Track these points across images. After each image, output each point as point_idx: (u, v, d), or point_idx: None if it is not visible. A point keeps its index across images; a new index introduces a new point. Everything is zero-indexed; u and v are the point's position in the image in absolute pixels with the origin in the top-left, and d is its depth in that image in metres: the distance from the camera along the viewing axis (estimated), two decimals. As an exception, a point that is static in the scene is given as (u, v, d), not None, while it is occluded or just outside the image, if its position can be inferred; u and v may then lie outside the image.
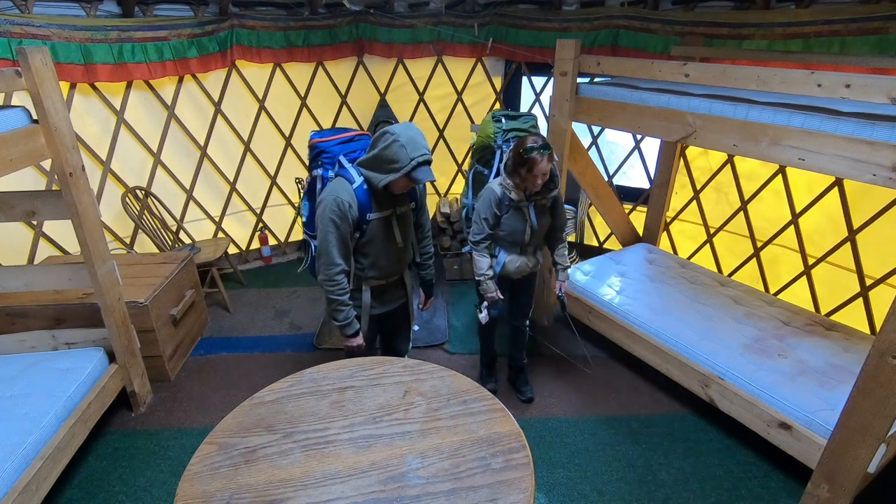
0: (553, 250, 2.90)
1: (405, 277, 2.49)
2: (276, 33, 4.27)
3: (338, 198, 2.07)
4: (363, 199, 2.13)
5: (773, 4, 3.51)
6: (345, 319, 2.25)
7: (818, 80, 2.09)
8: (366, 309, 2.36)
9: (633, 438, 2.87)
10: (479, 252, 2.70)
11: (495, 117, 3.10)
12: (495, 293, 2.73)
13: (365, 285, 2.34)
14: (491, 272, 2.71)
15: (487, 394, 1.86)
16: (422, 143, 2.07)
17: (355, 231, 2.18)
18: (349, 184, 2.13)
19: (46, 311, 3.05)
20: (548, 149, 2.41)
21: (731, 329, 3.04)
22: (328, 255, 2.14)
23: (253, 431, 1.70)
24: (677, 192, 4.27)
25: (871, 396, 1.99)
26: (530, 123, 3.07)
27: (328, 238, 2.11)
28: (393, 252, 2.30)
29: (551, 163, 2.46)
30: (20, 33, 3.21)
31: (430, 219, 5.14)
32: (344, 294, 2.21)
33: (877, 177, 1.98)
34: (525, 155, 2.41)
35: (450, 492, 1.46)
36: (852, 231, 3.26)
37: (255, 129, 4.60)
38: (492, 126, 3.06)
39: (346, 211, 2.08)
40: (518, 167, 2.47)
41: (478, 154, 3.19)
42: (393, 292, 2.46)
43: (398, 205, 2.25)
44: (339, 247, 2.14)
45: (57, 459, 2.35)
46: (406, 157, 2.01)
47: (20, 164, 2.22)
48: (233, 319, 4.10)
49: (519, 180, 2.51)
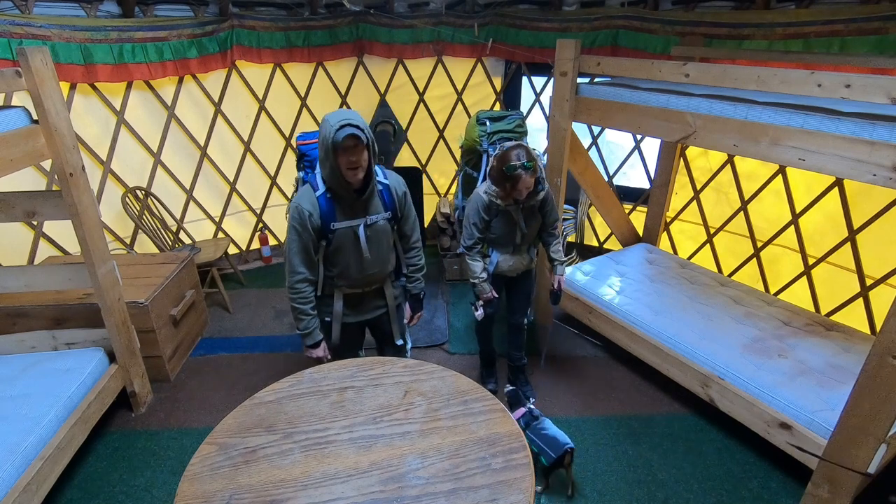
0: (547, 247, 2.89)
1: (386, 288, 2.38)
2: (276, 33, 4.27)
3: (299, 206, 2.05)
4: (325, 208, 2.06)
5: (773, 4, 3.51)
6: (304, 329, 2.21)
7: (818, 80, 2.10)
8: (337, 316, 2.30)
9: (633, 438, 2.87)
10: (471, 256, 2.72)
11: (479, 120, 3.08)
12: (490, 293, 2.75)
13: (337, 292, 2.27)
14: (485, 275, 2.73)
15: (488, 394, 1.86)
16: (345, 113, 1.95)
17: (320, 240, 2.12)
18: (313, 191, 2.09)
19: (47, 311, 3.05)
20: (529, 166, 2.40)
21: (732, 329, 3.04)
22: (289, 263, 2.13)
23: (253, 431, 1.70)
24: (677, 192, 4.27)
25: (871, 396, 1.99)
26: (516, 123, 3.03)
27: (290, 246, 2.11)
28: (364, 263, 2.19)
29: (535, 175, 2.45)
30: (20, 34, 3.21)
31: (431, 220, 5.22)
32: (305, 303, 2.17)
33: (877, 177, 1.98)
34: (507, 172, 2.41)
35: (450, 492, 1.46)
36: (852, 231, 3.25)
37: (255, 129, 4.60)
38: (476, 129, 3.04)
39: (307, 219, 2.05)
40: (502, 181, 2.48)
41: (466, 156, 3.18)
42: (370, 302, 2.37)
43: (369, 213, 2.14)
44: (301, 255, 2.11)
45: (57, 459, 2.35)
46: (330, 129, 1.91)
47: (20, 164, 2.22)
48: (233, 319, 4.09)
49: (503, 192, 2.53)
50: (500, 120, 3.04)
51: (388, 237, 2.26)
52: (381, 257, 2.25)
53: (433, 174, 5.28)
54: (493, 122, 3.03)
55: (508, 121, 3.03)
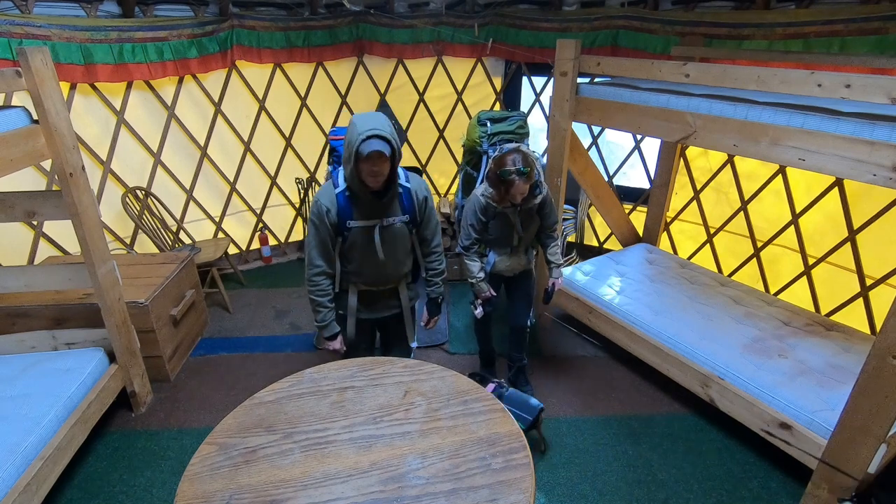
0: (545, 249, 2.89)
1: (401, 289, 2.38)
2: (276, 33, 4.28)
3: (318, 201, 2.08)
4: (343, 205, 2.08)
5: (773, 4, 3.51)
6: (322, 321, 2.25)
7: (818, 80, 2.10)
8: (351, 311, 2.33)
9: (633, 438, 2.87)
10: (468, 257, 2.73)
11: (480, 121, 3.07)
12: (488, 292, 2.76)
13: (352, 288, 2.30)
14: (482, 274, 2.74)
15: (488, 394, 1.86)
16: (374, 121, 1.94)
17: (337, 236, 2.14)
18: (334, 188, 2.11)
19: (47, 311, 3.05)
20: (525, 171, 2.40)
21: (732, 329, 3.04)
22: (308, 256, 2.17)
23: (253, 431, 1.70)
24: (677, 192, 4.27)
25: (871, 396, 1.99)
26: (517, 124, 3.02)
27: (309, 239, 2.15)
28: (378, 264, 2.19)
29: (530, 181, 2.46)
30: (21, 33, 3.21)
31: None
32: (323, 296, 2.20)
33: (877, 177, 1.98)
34: (502, 177, 2.42)
35: (450, 492, 1.46)
36: (852, 231, 3.25)
37: (255, 129, 4.60)
38: (477, 130, 3.03)
39: (324, 215, 2.07)
40: (497, 184, 2.49)
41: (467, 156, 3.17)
42: (384, 301, 2.38)
43: (387, 215, 2.14)
44: (319, 248, 2.14)
45: (57, 459, 2.35)
46: (356, 135, 1.91)
47: (20, 164, 2.22)
48: (233, 319, 4.09)
49: (499, 196, 2.54)
50: (502, 121, 3.02)
51: (404, 240, 2.25)
52: (397, 259, 2.25)
53: (433, 174, 5.28)
54: (494, 122, 3.01)
55: (510, 122, 3.01)
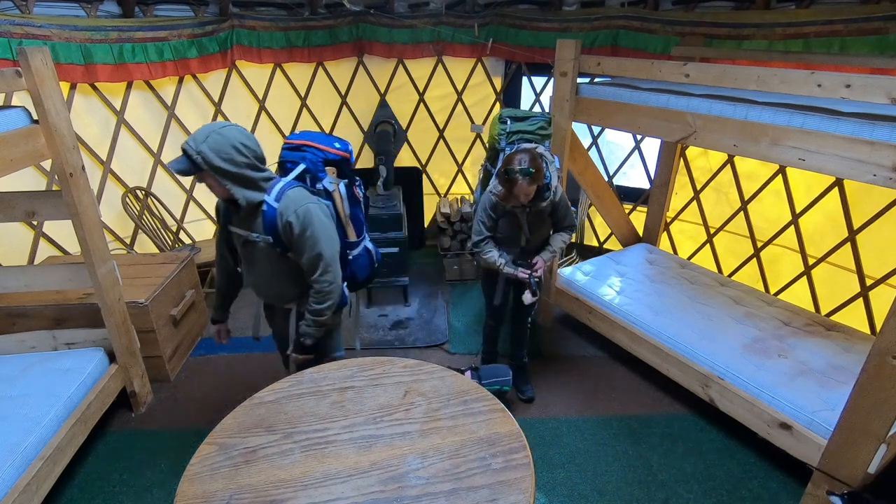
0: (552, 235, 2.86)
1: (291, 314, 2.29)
2: (276, 33, 4.27)
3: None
4: (224, 208, 2.12)
5: (773, 4, 3.51)
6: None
7: (818, 80, 2.10)
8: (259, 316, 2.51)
9: (633, 438, 2.87)
10: (482, 251, 2.73)
11: (501, 118, 3.06)
12: (519, 271, 2.67)
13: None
14: (503, 260, 2.70)
15: (488, 394, 1.86)
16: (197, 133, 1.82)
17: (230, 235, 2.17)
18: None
19: (47, 311, 3.05)
20: (529, 172, 2.39)
21: (732, 329, 3.04)
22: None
23: (253, 432, 1.70)
24: (677, 192, 4.27)
25: (871, 396, 2.00)
26: (538, 125, 3.00)
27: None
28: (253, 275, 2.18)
29: (535, 183, 2.45)
30: (20, 33, 3.21)
31: (431, 220, 5.22)
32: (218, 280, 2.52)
33: (877, 177, 1.98)
34: (506, 176, 2.43)
35: (450, 492, 1.46)
36: (852, 231, 3.25)
37: (255, 129, 4.60)
38: (497, 127, 3.02)
39: (218, 210, 2.18)
40: (503, 182, 2.50)
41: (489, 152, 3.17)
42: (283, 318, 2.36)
43: (251, 230, 2.00)
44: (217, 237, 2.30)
45: (57, 459, 2.35)
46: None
47: (20, 164, 2.22)
48: (233, 319, 4.07)
49: (505, 194, 2.55)
50: (523, 120, 2.99)
51: (271, 261, 2.07)
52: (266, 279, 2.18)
53: (433, 174, 5.28)
54: (514, 121, 2.99)
55: (531, 122, 2.98)
